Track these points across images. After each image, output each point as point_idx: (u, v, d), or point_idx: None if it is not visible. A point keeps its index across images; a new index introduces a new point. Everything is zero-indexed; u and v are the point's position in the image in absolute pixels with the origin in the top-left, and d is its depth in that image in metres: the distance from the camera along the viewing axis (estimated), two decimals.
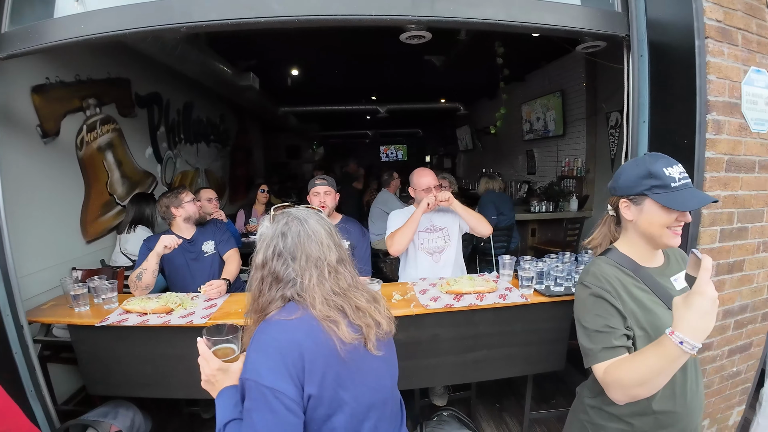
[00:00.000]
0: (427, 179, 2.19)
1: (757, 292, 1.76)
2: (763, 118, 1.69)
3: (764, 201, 1.69)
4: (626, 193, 1.06)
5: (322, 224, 0.95)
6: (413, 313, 1.62)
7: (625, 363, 0.94)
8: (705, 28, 1.55)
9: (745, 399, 2.00)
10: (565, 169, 5.25)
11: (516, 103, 6.15)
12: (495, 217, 3.81)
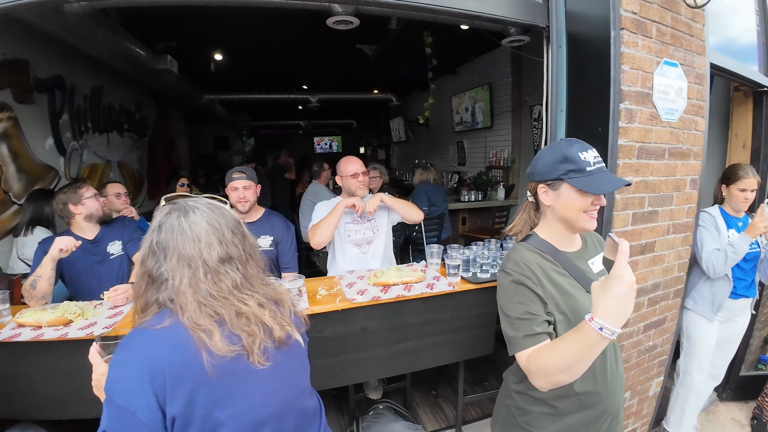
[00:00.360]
0: (353, 165, 2.13)
1: (668, 271, 1.88)
2: (673, 108, 1.78)
3: (673, 186, 1.79)
4: (544, 178, 1.07)
5: (208, 217, 0.85)
6: (339, 308, 1.58)
7: (546, 350, 0.94)
8: (621, 20, 1.59)
9: (663, 371, 2.15)
10: (492, 160, 5.56)
11: (447, 95, 6.41)
12: (426, 208, 3.84)
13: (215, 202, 0.92)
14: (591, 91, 1.68)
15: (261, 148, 10.09)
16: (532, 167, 1.11)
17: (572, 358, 0.87)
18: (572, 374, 0.89)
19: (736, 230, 2.08)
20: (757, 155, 2.44)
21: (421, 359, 1.81)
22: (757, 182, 2.06)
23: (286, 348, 0.88)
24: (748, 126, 2.50)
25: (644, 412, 2.20)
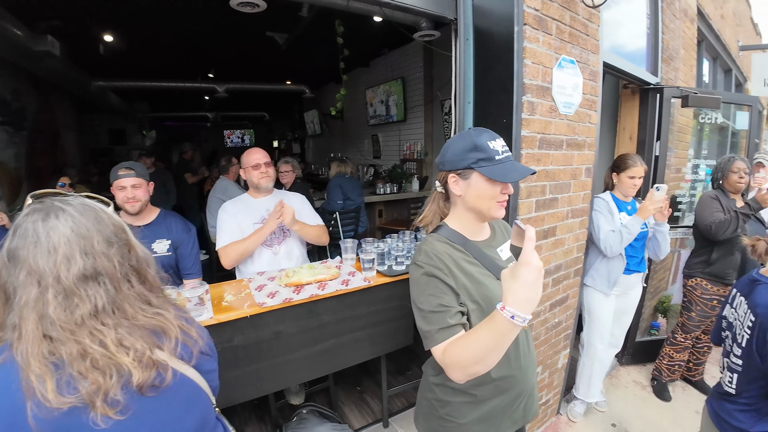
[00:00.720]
0: (255, 156, 2.03)
1: (568, 253, 2.04)
2: (570, 102, 1.91)
3: (570, 174, 1.93)
4: (454, 167, 1.05)
5: (74, 223, 0.70)
6: (248, 314, 1.47)
7: (461, 343, 0.93)
8: (524, 15, 1.65)
9: (569, 344, 2.34)
10: (406, 153, 5.72)
11: (361, 88, 6.50)
12: (341, 202, 3.83)
13: (92, 202, 0.77)
14: (496, 84, 1.74)
15: (165, 142, 9.12)
16: (442, 156, 1.09)
17: (486, 348, 0.86)
18: (488, 364, 0.89)
19: (626, 213, 2.31)
20: (642, 146, 2.74)
21: (342, 358, 1.77)
22: (644, 170, 2.30)
23: (156, 392, 0.71)
24: (634, 120, 2.79)
25: (555, 383, 2.38)
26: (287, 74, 6.85)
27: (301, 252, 2.17)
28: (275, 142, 11.10)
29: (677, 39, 3.10)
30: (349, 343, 1.76)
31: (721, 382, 1.40)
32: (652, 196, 2.14)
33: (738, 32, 5.66)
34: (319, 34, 3.98)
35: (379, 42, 5.36)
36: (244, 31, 4.10)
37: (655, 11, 2.86)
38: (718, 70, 5.26)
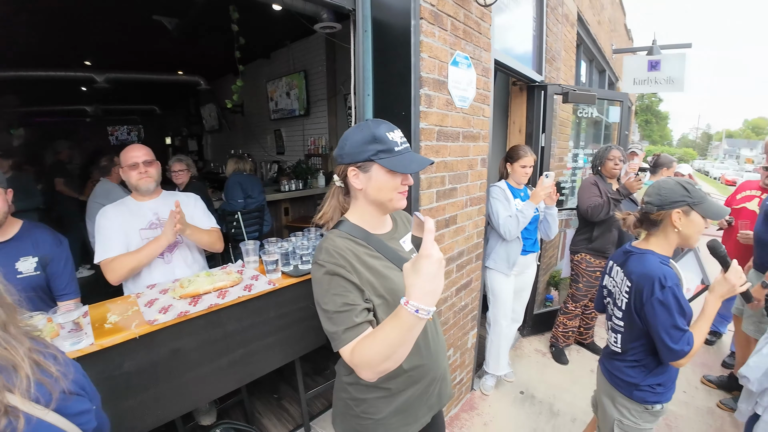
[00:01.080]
0: (133, 153, 1.82)
1: (469, 239, 2.17)
2: (464, 96, 2.02)
3: (467, 165, 2.05)
4: (354, 160, 1.02)
5: None
6: (137, 335, 1.31)
7: (368, 342, 0.91)
8: (420, 9, 1.68)
9: (476, 324, 2.50)
10: (311, 148, 5.66)
11: (262, 80, 6.26)
12: (242, 200, 3.69)
13: None
14: (395, 77, 1.75)
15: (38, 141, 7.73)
16: (340, 149, 1.05)
17: (394, 344, 0.84)
18: (397, 360, 0.87)
19: (520, 199, 2.53)
20: (530, 138, 3.02)
21: (253, 367, 1.67)
22: (534, 159, 2.53)
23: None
24: (522, 114, 3.06)
25: (467, 362, 2.54)
26: (180, 64, 6.22)
27: (197, 258, 1.99)
28: (168, 139, 10.00)
29: (559, 42, 3.45)
30: (260, 350, 1.67)
31: (609, 344, 1.58)
32: (542, 182, 2.37)
33: (612, 37, 6.50)
34: (215, 20, 3.70)
35: (281, 33, 5.18)
36: (126, 13, 3.65)
37: (540, 15, 3.14)
38: (593, 70, 5.99)
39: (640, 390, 1.45)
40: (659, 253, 1.41)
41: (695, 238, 1.38)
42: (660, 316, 1.31)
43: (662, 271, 1.33)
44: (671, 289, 1.30)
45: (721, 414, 2.70)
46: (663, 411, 1.49)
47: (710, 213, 1.34)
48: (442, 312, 2.07)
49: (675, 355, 1.31)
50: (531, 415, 2.60)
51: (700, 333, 1.33)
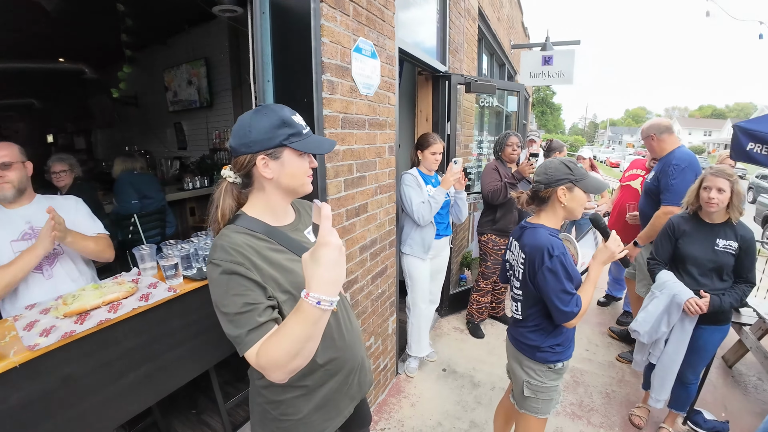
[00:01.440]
0: None
1: (381, 227, 2.19)
2: (369, 83, 2.01)
3: (375, 153, 2.05)
4: (265, 147, 0.95)
5: None
6: (16, 364, 1.11)
7: (272, 341, 0.85)
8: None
9: (394, 310, 2.55)
10: (216, 141, 5.29)
11: (158, 69, 5.71)
12: (136, 201, 3.40)
13: None
14: (295, 62, 1.68)
15: None
16: (244, 137, 0.96)
17: (300, 340, 0.80)
18: (306, 356, 0.84)
19: (432, 186, 2.61)
20: (437, 126, 3.14)
21: (162, 384, 1.51)
22: (443, 147, 2.63)
23: None
24: (429, 103, 3.17)
25: (389, 348, 2.58)
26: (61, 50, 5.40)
27: (84, 270, 1.75)
28: (49, 137, 8.63)
29: (461, 34, 3.62)
30: (168, 364, 1.51)
31: (512, 312, 1.71)
32: (451, 168, 2.47)
33: (511, 33, 7.01)
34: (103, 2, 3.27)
35: (178, 17, 4.75)
36: None
37: (443, 8, 3.26)
38: (494, 64, 6.43)
39: (541, 351, 1.58)
40: (549, 226, 1.54)
41: (579, 211, 1.53)
42: (550, 282, 1.44)
43: (550, 241, 1.46)
44: (558, 257, 1.43)
45: (621, 366, 3.09)
46: (564, 368, 1.63)
47: (591, 188, 1.49)
48: (359, 301, 2.06)
49: (566, 317, 1.45)
50: (454, 389, 2.74)
51: (586, 295, 1.47)
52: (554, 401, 1.66)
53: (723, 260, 2.03)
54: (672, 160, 2.69)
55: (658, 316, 2.17)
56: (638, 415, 2.48)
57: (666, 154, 2.79)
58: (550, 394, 1.62)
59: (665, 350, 2.22)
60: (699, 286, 2.09)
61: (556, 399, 1.67)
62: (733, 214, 2.02)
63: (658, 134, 2.90)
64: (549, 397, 1.63)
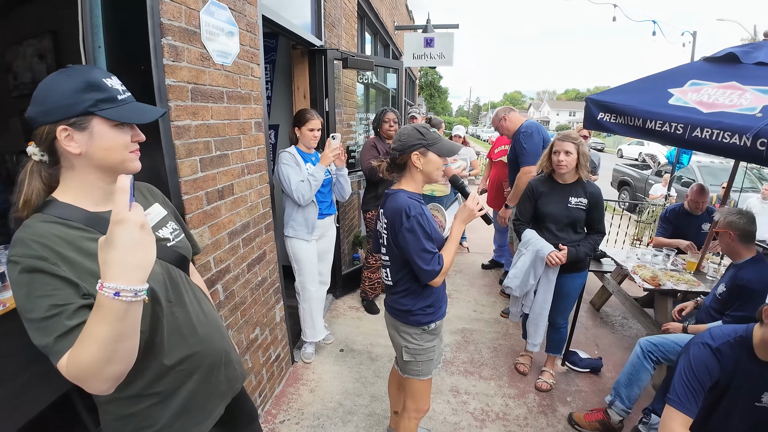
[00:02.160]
0: None
1: (254, 209, 2.03)
2: (225, 51, 1.79)
3: (238, 129, 1.87)
4: (66, 115, 0.78)
5: None
6: None
7: (78, 347, 0.71)
8: None
9: (281, 297, 2.42)
10: None
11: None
12: None
13: None
14: (129, 23, 1.43)
15: None
16: (41, 104, 0.79)
17: (107, 341, 0.68)
18: (124, 359, 0.73)
19: (312, 164, 2.51)
20: (315, 103, 3.03)
21: None
22: (321, 123, 2.53)
23: None
24: (306, 80, 3.03)
25: (280, 337, 2.46)
26: None
27: None
28: None
29: (338, 9, 3.51)
30: None
31: (383, 280, 1.72)
32: (329, 144, 2.40)
33: (394, 14, 7.11)
34: None
35: None
36: None
37: None
38: (378, 44, 6.48)
39: (414, 315, 1.61)
40: (408, 190, 1.56)
41: (436, 174, 1.57)
42: (410, 243, 1.47)
43: (407, 203, 1.48)
44: (415, 217, 1.46)
45: (505, 321, 3.43)
46: (438, 328, 1.69)
47: (444, 151, 1.53)
48: (236, 291, 1.90)
49: (429, 275, 1.49)
50: (353, 366, 2.75)
51: (448, 254, 1.52)
52: (434, 361, 1.72)
53: (576, 215, 2.33)
54: (521, 130, 3.11)
55: (526, 271, 2.42)
56: (522, 363, 2.77)
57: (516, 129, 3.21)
58: (428, 354, 1.68)
59: (535, 299, 2.49)
60: (558, 240, 2.37)
61: (436, 359, 1.73)
62: (582, 172, 2.31)
63: (506, 114, 3.33)
64: (428, 358, 1.68)
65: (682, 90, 2.34)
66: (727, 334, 1.51)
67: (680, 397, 1.46)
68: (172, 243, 1.06)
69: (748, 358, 1.45)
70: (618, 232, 5.68)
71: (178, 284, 1.02)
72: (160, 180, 1.49)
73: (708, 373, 1.47)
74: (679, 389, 1.48)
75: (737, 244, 2.27)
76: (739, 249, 2.28)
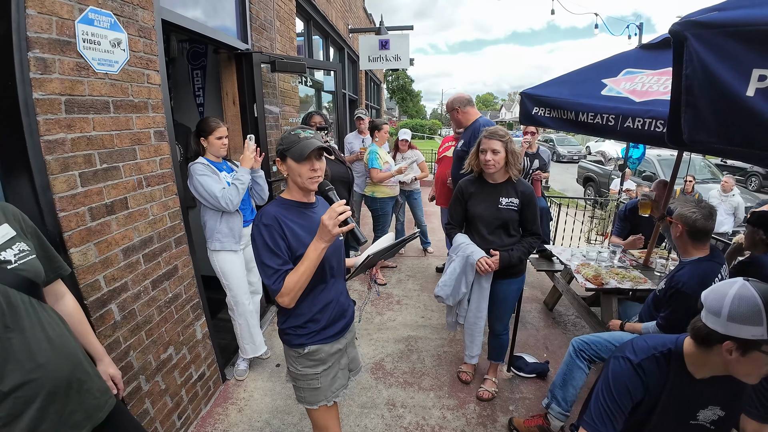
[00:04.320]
0: None
1: (159, 223, 1.92)
2: (108, 60, 1.69)
3: (131, 140, 1.76)
4: None
5: None
6: None
7: None
8: None
9: (201, 313, 2.31)
10: None
11: None
12: None
13: None
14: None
15: None
16: None
17: None
18: None
19: (226, 173, 2.42)
20: (245, 108, 2.94)
21: None
22: (226, 129, 2.42)
23: None
24: (234, 84, 2.93)
25: (203, 355, 2.35)
26: None
27: None
28: None
29: (270, 11, 3.42)
30: None
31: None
32: (248, 146, 2.33)
33: (348, 17, 7.05)
34: None
35: None
36: None
37: None
38: (331, 47, 6.42)
39: (285, 334, 1.47)
40: (283, 197, 1.44)
41: (298, 180, 1.37)
42: (254, 252, 1.35)
43: (265, 210, 1.36)
44: (258, 226, 1.33)
45: None
46: (320, 353, 1.47)
47: (295, 155, 1.32)
48: (136, 311, 1.78)
49: (271, 291, 1.34)
50: (286, 382, 2.64)
51: (295, 275, 1.30)
52: (323, 391, 1.50)
53: (507, 216, 2.20)
54: (480, 126, 2.88)
55: (456, 278, 2.30)
56: (465, 371, 2.65)
57: (471, 122, 3.05)
58: (308, 382, 1.49)
59: (469, 308, 2.37)
60: (488, 244, 2.23)
61: (329, 389, 1.52)
62: (511, 171, 2.18)
63: (462, 107, 3.16)
64: (310, 386, 1.49)
65: (615, 80, 2.28)
66: (652, 347, 1.30)
67: (595, 420, 1.30)
68: (13, 265, 1.03)
69: (678, 375, 1.25)
70: (573, 229, 5.74)
71: (17, 308, 1.00)
72: (25, 198, 1.39)
73: (628, 394, 1.28)
74: (595, 411, 1.31)
75: (686, 239, 2.06)
76: (687, 246, 2.08)
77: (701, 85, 0.75)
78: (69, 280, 1.40)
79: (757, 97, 0.65)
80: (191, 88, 3.37)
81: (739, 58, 0.67)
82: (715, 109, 0.73)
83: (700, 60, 0.73)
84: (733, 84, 0.67)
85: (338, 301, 1.52)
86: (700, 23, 0.75)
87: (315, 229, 1.31)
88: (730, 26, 0.67)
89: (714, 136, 0.77)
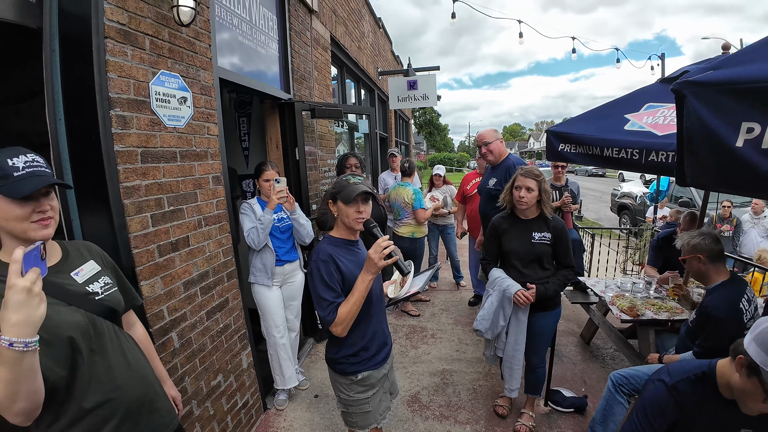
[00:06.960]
0: None
1: (213, 259, 2.12)
2: (176, 115, 1.95)
3: (193, 184, 1.99)
4: None
5: None
6: None
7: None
8: (105, 29, 1.58)
9: (247, 343, 2.46)
10: None
11: None
12: None
13: None
14: (88, 98, 1.60)
15: None
16: None
17: (10, 382, 0.81)
18: (27, 398, 0.85)
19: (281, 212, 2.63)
20: (287, 153, 3.19)
21: None
22: (276, 173, 2.63)
23: None
24: (277, 131, 3.21)
25: (248, 384, 2.46)
26: None
27: None
28: None
29: (309, 62, 3.76)
30: None
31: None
32: (274, 188, 2.49)
33: (377, 61, 7.50)
34: None
35: None
36: None
37: (284, 41, 3.33)
38: (363, 90, 6.80)
39: (338, 364, 1.58)
40: (333, 236, 1.59)
41: (346, 221, 1.52)
42: (311, 287, 1.49)
43: (318, 248, 1.51)
44: (316, 262, 1.47)
45: None
46: (371, 378, 1.59)
47: (344, 198, 1.48)
48: (193, 339, 1.94)
49: (325, 322, 1.45)
50: (325, 413, 2.71)
51: (346, 306, 1.42)
52: (374, 414, 1.62)
53: (540, 250, 2.26)
54: (513, 165, 2.92)
55: (494, 312, 2.35)
56: (501, 405, 2.63)
57: (502, 160, 3.10)
58: (361, 407, 1.60)
59: (507, 341, 2.39)
60: (524, 277, 2.28)
61: (377, 412, 1.63)
62: (545, 208, 2.25)
63: (495, 145, 3.19)
64: (362, 410, 1.60)
65: (638, 114, 2.35)
66: (687, 370, 1.34)
67: None
68: (100, 296, 1.16)
69: (713, 398, 1.28)
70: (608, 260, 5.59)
71: (102, 334, 1.11)
72: (104, 236, 1.59)
73: (663, 415, 1.30)
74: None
75: (708, 266, 2.13)
76: (709, 273, 2.15)
77: (699, 136, 0.84)
78: (138, 310, 1.57)
79: (745, 148, 0.73)
80: (238, 134, 3.70)
81: (730, 112, 0.75)
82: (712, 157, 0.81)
83: (697, 114, 0.83)
84: (725, 135, 0.76)
85: (383, 330, 1.65)
86: (696, 83, 0.85)
87: (361, 264, 1.46)
88: (723, 84, 0.77)
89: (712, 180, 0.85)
